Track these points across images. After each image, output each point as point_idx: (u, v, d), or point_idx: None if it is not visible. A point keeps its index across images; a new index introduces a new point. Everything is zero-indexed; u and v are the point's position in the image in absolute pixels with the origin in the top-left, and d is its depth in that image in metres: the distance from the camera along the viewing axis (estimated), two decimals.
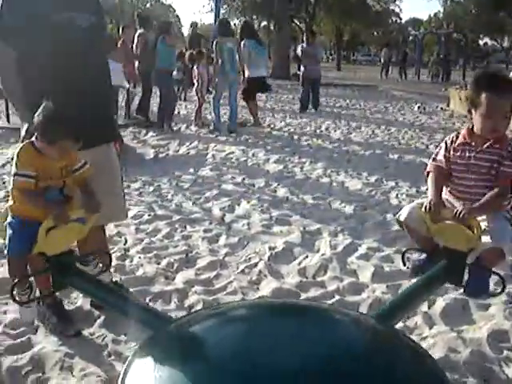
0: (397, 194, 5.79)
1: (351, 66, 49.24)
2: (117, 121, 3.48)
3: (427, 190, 2.77)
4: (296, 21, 39.18)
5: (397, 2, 45.76)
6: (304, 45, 13.08)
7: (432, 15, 60.65)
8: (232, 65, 9.69)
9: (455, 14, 47.63)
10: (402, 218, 2.84)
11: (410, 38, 47.00)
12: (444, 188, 2.76)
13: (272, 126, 10.82)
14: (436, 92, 19.66)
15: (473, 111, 2.61)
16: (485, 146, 2.59)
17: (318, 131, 10.35)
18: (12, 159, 2.48)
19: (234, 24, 22.66)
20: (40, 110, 2.40)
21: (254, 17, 37.94)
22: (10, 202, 2.53)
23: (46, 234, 2.29)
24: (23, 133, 2.87)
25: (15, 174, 2.39)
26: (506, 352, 2.89)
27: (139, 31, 10.06)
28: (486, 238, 2.51)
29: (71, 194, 2.56)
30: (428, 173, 2.80)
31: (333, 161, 7.65)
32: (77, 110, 2.48)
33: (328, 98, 17.29)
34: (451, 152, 2.70)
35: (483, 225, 2.53)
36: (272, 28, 29.73)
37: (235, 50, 9.72)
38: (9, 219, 2.54)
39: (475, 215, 2.47)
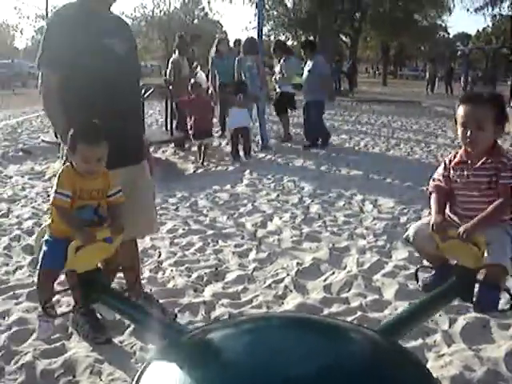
0: (429, 213, 5.81)
1: (397, 81, 48.84)
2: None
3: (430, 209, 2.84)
4: (342, 36, 39.22)
5: (443, 17, 45.14)
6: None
7: (481, 30, 59.68)
8: (252, 81, 9.74)
9: (505, 28, 46.85)
10: (410, 237, 2.93)
11: (459, 53, 46.41)
12: (447, 207, 2.82)
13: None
14: None
15: (457, 127, 2.72)
16: (480, 162, 2.66)
17: (356, 148, 10.41)
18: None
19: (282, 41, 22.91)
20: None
21: (300, 32, 38.16)
22: (49, 221, 2.74)
23: (76, 252, 2.47)
24: (61, 153, 3.09)
25: (55, 192, 2.60)
26: None
27: (174, 57, 10.22)
28: (488, 254, 2.55)
29: (105, 215, 2.75)
30: (430, 193, 2.87)
31: (368, 178, 7.72)
32: (115, 131, 2.69)
33: (370, 114, 17.29)
34: (450, 171, 2.78)
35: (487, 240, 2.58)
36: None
37: (254, 66, 9.80)
38: (46, 237, 2.75)
39: (476, 231, 2.51)
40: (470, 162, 2.70)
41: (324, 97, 10.52)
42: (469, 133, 2.63)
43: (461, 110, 2.68)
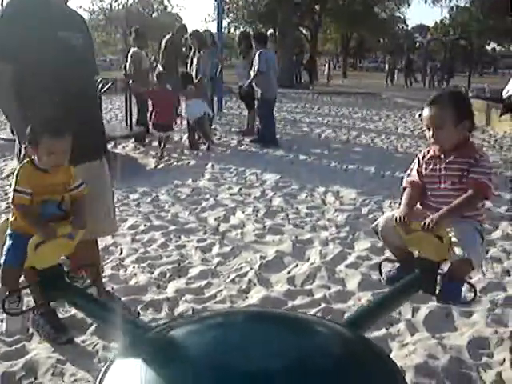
0: (390, 203, 5.88)
1: (358, 73, 49.28)
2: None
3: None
4: (302, 29, 39.37)
5: (402, 10, 45.74)
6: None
7: (438, 22, 60.54)
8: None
9: (462, 20, 47.66)
10: (377, 228, 2.95)
11: (417, 44, 47.05)
12: (420, 202, 2.85)
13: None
14: None
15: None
16: (452, 156, 2.69)
17: (317, 140, 10.46)
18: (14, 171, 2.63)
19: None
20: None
21: (260, 25, 38.17)
22: (12, 217, 2.67)
23: (36, 248, 2.41)
24: (16, 150, 3.01)
25: (14, 190, 2.53)
26: (484, 358, 2.98)
27: (133, 50, 10.05)
28: (456, 249, 2.59)
29: (69, 209, 2.69)
30: (404, 188, 2.90)
31: (330, 170, 7.77)
32: (72, 125, 2.62)
33: (331, 105, 17.43)
34: (423, 166, 2.81)
35: (453, 235, 2.62)
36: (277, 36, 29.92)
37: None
38: (8, 231, 2.68)
39: (441, 222, 2.52)
40: (442, 156, 2.73)
41: (270, 94, 9.63)
42: (430, 133, 2.68)
43: (424, 112, 2.74)
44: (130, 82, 9.58)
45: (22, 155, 2.82)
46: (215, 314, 2.63)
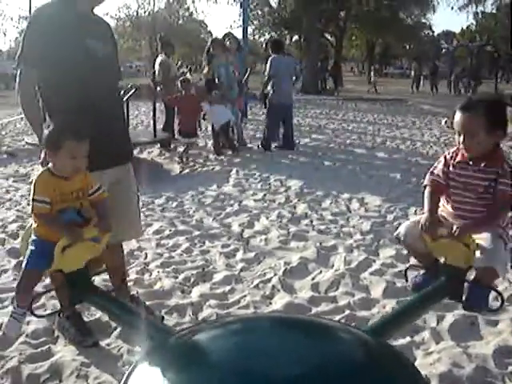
0: (415, 211, 5.84)
1: (383, 80, 49.01)
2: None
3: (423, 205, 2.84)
4: (327, 35, 39.31)
5: (428, 16, 45.36)
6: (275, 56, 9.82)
7: (465, 28, 60.06)
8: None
9: (488, 26, 47.22)
10: (400, 236, 2.92)
11: (443, 50, 46.66)
12: (444, 203, 2.82)
13: (298, 141, 10.93)
14: None
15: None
16: (482, 164, 2.66)
17: (342, 146, 10.43)
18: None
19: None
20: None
21: (286, 32, 38.22)
22: (34, 224, 2.70)
23: (62, 252, 2.44)
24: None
25: (33, 200, 2.55)
26: (510, 368, 2.93)
27: (161, 57, 10.15)
28: (481, 256, 2.56)
29: (89, 215, 2.71)
30: (425, 186, 2.86)
31: (355, 177, 7.74)
32: (99, 131, 2.66)
33: (356, 112, 17.37)
34: (450, 168, 2.77)
35: (480, 243, 2.59)
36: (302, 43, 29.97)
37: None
38: (32, 237, 2.72)
39: (470, 232, 2.52)
40: (471, 162, 2.70)
41: (277, 98, 9.69)
42: (461, 139, 2.64)
43: (456, 117, 2.68)
44: (158, 88, 9.67)
45: (41, 162, 2.84)
46: (240, 318, 2.63)
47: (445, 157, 2.82)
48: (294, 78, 10.07)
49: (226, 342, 1.87)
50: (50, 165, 2.60)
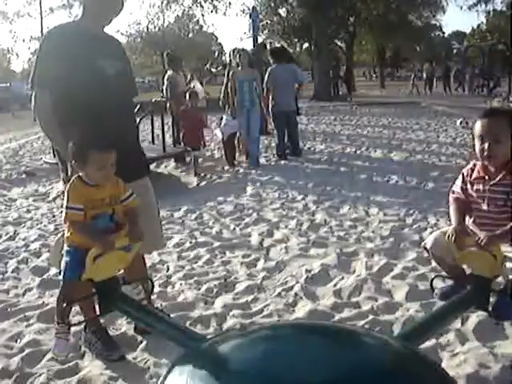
0: (435, 212, 5.82)
1: (395, 83, 48.93)
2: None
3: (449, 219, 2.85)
4: (337, 41, 39.33)
5: (438, 17, 45.20)
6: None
7: (475, 27, 59.74)
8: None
9: (499, 24, 46.94)
10: (428, 246, 2.94)
11: (455, 51, 46.50)
12: (467, 217, 2.84)
13: (312, 148, 10.95)
14: (480, 105, 19.39)
15: (475, 142, 2.73)
16: (498, 178, 2.66)
17: (358, 151, 10.43)
18: (62, 193, 2.71)
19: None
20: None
21: (296, 40, 38.32)
22: (67, 233, 2.75)
23: (94, 261, 2.47)
24: (62, 173, 3.11)
25: (66, 207, 2.62)
26: None
27: (169, 73, 10.19)
28: (509, 266, 2.57)
29: (121, 221, 2.76)
30: (449, 205, 2.89)
31: (372, 181, 7.74)
32: (116, 147, 2.70)
33: (370, 117, 17.35)
34: (467, 185, 2.79)
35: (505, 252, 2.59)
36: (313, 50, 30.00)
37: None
38: (65, 248, 2.76)
39: (497, 242, 2.52)
40: (487, 177, 2.71)
41: (277, 108, 9.79)
42: (486, 145, 2.64)
43: (478, 125, 2.70)
44: (168, 104, 9.75)
45: (69, 173, 2.90)
46: (269, 326, 2.66)
47: (462, 174, 2.86)
48: (296, 85, 10.04)
49: (257, 349, 1.89)
50: (81, 173, 2.66)
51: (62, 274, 2.75)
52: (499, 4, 40.95)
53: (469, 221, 2.84)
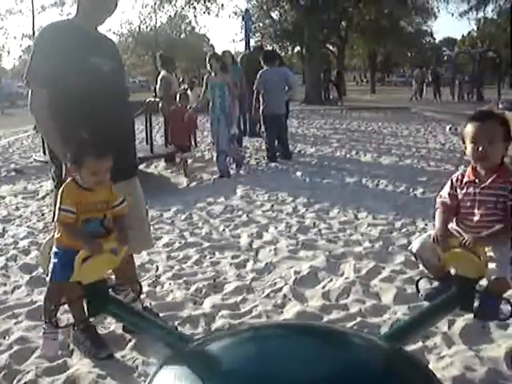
0: (423, 217, 5.85)
1: (386, 88, 49.12)
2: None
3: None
4: (329, 45, 39.49)
5: (429, 23, 45.50)
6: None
7: (466, 34, 60.19)
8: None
9: (489, 32, 47.31)
10: (414, 250, 2.98)
11: (445, 57, 46.76)
12: (453, 221, 2.87)
13: (303, 152, 10.98)
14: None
15: (466, 145, 2.76)
16: (488, 181, 2.69)
17: (348, 155, 10.47)
18: (51, 191, 2.72)
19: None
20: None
21: (288, 43, 38.43)
22: (57, 234, 2.75)
23: (82, 263, 2.48)
24: (52, 171, 3.12)
25: (58, 209, 2.62)
26: None
27: (163, 74, 10.14)
28: (492, 267, 2.60)
29: (111, 226, 2.77)
30: (436, 209, 2.93)
31: (361, 185, 7.78)
32: (108, 146, 2.71)
33: (360, 121, 17.43)
34: (457, 190, 2.82)
35: (489, 253, 2.63)
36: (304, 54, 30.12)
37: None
38: (54, 249, 2.77)
39: (482, 244, 2.56)
40: (477, 180, 2.73)
41: (267, 110, 9.80)
42: (480, 147, 2.66)
43: (470, 127, 2.72)
44: (160, 104, 9.75)
45: (64, 174, 2.91)
46: (256, 326, 2.68)
47: (451, 180, 2.88)
48: (286, 88, 10.04)
49: (244, 349, 1.91)
50: (76, 176, 2.67)
51: (49, 274, 2.76)
52: (490, 13, 41.25)
53: (454, 224, 2.87)
